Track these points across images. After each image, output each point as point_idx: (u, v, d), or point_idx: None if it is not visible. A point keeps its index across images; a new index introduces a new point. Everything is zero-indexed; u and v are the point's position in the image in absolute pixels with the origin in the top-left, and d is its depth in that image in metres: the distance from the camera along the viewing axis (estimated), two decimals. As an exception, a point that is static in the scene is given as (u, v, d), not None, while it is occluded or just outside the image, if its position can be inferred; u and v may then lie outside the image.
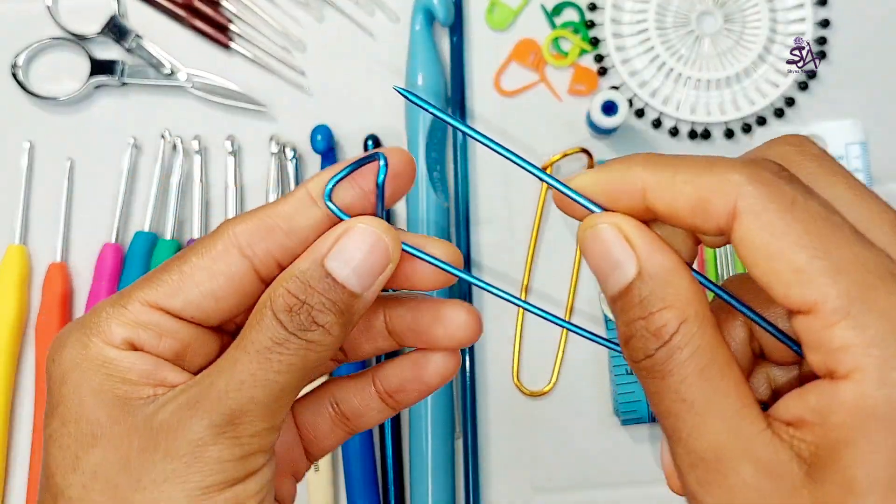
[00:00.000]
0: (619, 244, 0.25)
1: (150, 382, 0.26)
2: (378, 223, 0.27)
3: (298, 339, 0.26)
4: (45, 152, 0.57)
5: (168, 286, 0.27)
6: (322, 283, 0.26)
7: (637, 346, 0.24)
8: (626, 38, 0.57)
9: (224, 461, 0.25)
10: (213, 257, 0.27)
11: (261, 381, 0.25)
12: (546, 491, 0.54)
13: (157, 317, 0.27)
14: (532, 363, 0.55)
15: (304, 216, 0.27)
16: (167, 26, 0.57)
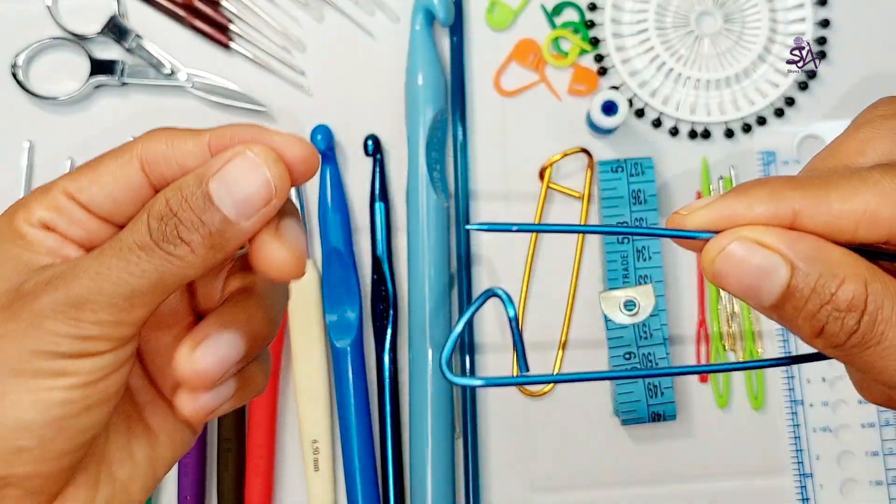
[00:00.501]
0: (758, 253, 0.24)
1: (51, 255, 0.28)
2: (266, 155, 0.27)
3: (160, 249, 0.26)
4: (45, 152, 0.57)
5: (81, 181, 0.29)
6: (198, 201, 0.26)
7: (835, 331, 0.24)
8: (626, 38, 0.57)
9: (59, 335, 0.26)
10: (120, 163, 0.29)
11: (113, 278, 0.26)
12: (546, 491, 0.54)
13: (70, 205, 0.28)
14: (532, 363, 0.55)
15: (198, 160, 0.28)
16: (167, 26, 0.57)
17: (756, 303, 0.25)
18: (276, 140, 0.28)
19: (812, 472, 0.53)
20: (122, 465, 0.30)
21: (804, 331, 0.25)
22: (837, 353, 0.24)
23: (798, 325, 0.25)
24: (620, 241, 0.53)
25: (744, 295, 0.25)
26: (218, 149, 0.28)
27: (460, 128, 0.56)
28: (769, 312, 0.25)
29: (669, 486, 0.54)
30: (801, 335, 0.25)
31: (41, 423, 0.26)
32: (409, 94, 0.55)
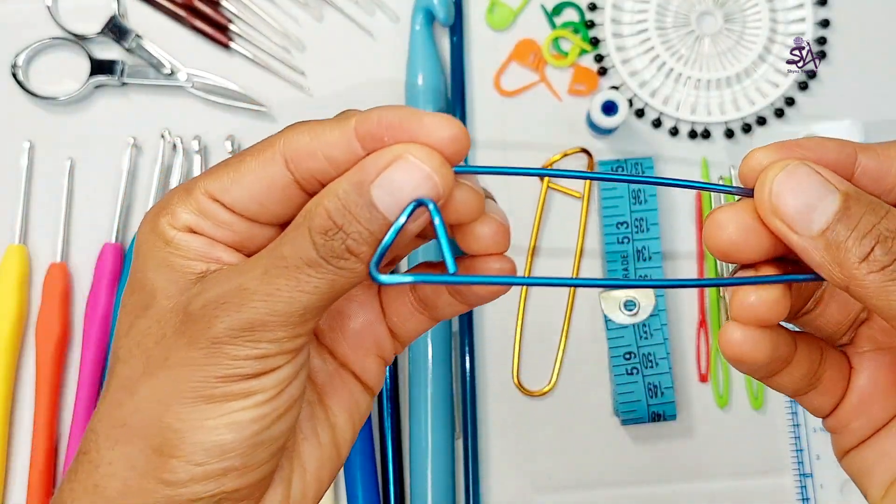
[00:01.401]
0: (815, 175, 0.26)
1: (204, 259, 0.27)
2: (429, 156, 0.26)
3: (330, 265, 0.26)
4: (45, 152, 0.57)
5: (223, 181, 0.28)
6: (363, 211, 0.25)
7: (883, 251, 0.25)
8: (626, 38, 0.57)
9: (241, 357, 0.26)
10: (263, 162, 0.27)
11: (285, 298, 0.26)
12: (546, 490, 0.54)
13: (214, 207, 0.28)
14: (532, 363, 0.55)
15: (344, 150, 0.27)
16: (167, 26, 0.57)
17: (807, 226, 0.26)
18: (428, 124, 0.27)
19: (812, 472, 0.53)
20: (310, 455, 0.30)
21: (852, 254, 0.25)
22: (879, 277, 0.25)
23: (846, 250, 0.25)
24: (620, 241, 0.53)
25: (799, 214, 0.26)
26: (365, 137, 0.27)
27: (460, 128, 0.56)
28: (815, 241, 0.26)
29: (669, 486, 0.54)
30: (846, 261, 0.25)
31: (240, 442, 0.27)
32: (409, 93, 0.55)
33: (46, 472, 0.52)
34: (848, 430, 0.31)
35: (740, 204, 0.27)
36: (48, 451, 0.53)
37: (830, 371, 0.30)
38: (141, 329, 0.27)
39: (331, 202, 0.26)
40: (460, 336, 0.54)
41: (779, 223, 0.26)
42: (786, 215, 0.26)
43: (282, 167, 0.27)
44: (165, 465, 0.26)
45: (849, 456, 0.31)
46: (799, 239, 0.26)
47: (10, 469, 0.54)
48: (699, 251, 0.55)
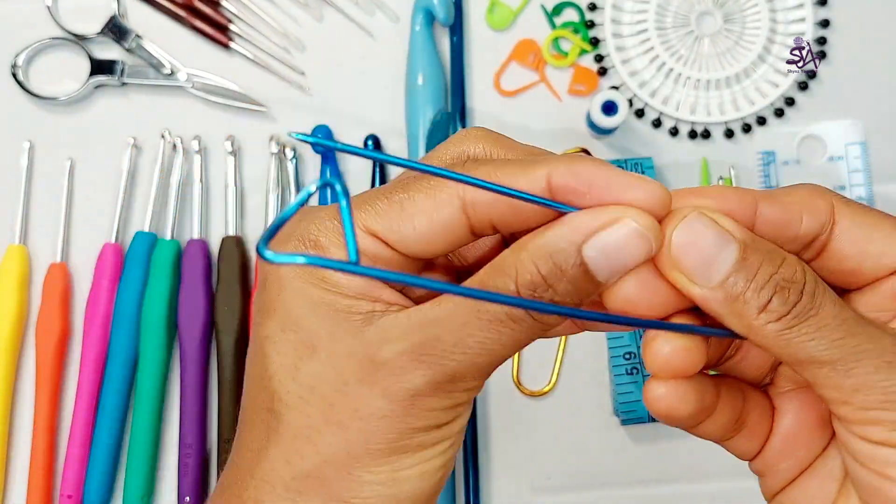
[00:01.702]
0: (713, 228, 0.26)
1: (366, 298, 0.27)
2: (646, 223, 0.25)
3: (533, 321, 0.26)
4: (45, 152, 0.57)
5: (387, 219, 0.27)
6: (574, 271, 0.25)
7: (781, 301, 0.25)
8: (626, 38, 0.57)
9: (437, 409, 0.26)
10: (437, 204, 0.26)
11: (486, 350, 0.26)
12: (546, 491, 0.54)
13: (373, 243, 0.27)
14: (532, 363, 0.55)
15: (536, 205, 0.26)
16: (167, 26, 0.57)
17: (706, 278, 0.26)
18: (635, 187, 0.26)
19: (812, 472, 0.53)
20: None
21: (751, 305, 0.25)
22: (778, 326, 0.25)
23: (744, 301, 0.25)
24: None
25: (698, 267, 0.26)
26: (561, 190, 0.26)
27: (460, 128, 0.56)
28: (715, 293, 0.26)
29: (669, 486, 0.54)
30: (745, 312, 0.25)
31: (428, 490, 0.27)
32: (409, 94, 0.55)
33: (46, 472, 0.52)
34: (774, 472, 0.31)
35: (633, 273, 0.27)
36: (48, 450, 0.53)
37: (754, 414, 0.30)
38: (311, 373, 0.26)
39: (541, 261, 0.25)
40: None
41: (678, 276, 0.26)
42: (685, 268, 0.26)
43: (458, 210, 0.26)
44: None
45: (776, 499, 0.31)
46: (699, 290, 0.26)
47: (10, 468, 0.54)
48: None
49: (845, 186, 0.55)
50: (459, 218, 0.26)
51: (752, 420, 0.30)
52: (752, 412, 0.30)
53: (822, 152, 0.56)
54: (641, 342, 0.28)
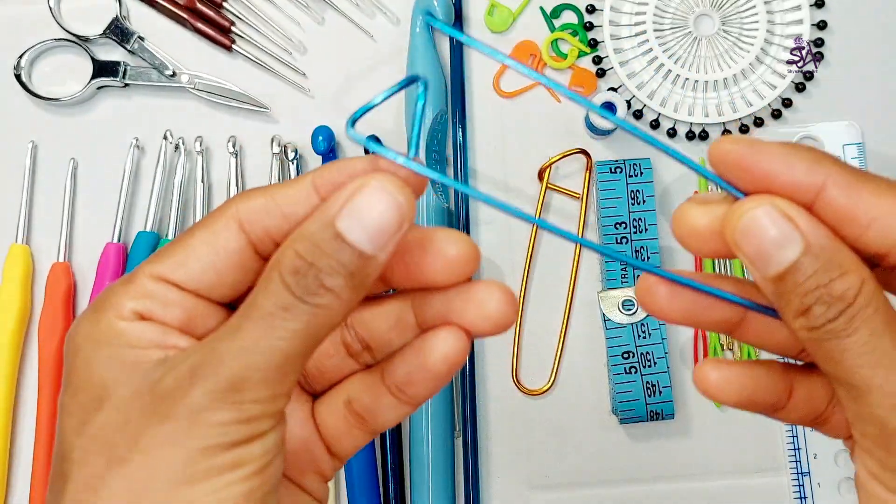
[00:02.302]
0: (782, 223, 0.25)
1: (159, 347, 0.26)
2: (390, 180, 0.25)
3: (305, 304, 0.25)
4: (48, 153, 0.57)
5: (172, 259, 0.27)
6: (332, 244, 0.25)
7: (819, 313, 0.25)
8: (624, 39, 0.57)
9: (224, 424, 0.25)
10: (215, 231, 0.27)
11: (263, 348, 0.25)
12: (545, 489, 0.54)
13: (162, 288, 0.27)
14: (531, 362, 0.55)
15: (304, 204, 0.27)
16: (169, 28, 0.58)
17: (762, 270, 0.26)
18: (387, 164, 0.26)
19: (809, 471, 0.53)
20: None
21: (793, 306, 0.26)
22: (811, 335, 0.26)
23: (788, 300, 0.26)
24: (619, 241, 0.54)
25: (755, 257, 0.26)
26: (325, 187, 0.27)
27: (460, 129, 0.56)
28: (768, 283, 0.26)
29: (667, 485, 0.54)
30: (788, 310, 0.26)
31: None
32: (409, 95, 0.55)
33: (49, 471, 0.53)
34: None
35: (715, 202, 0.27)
36: (51, 449, 0.53)
37: (841, 413, 0.29)
38: (97, 424, 0.25)
39: (298, 244, 0.25)
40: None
41: (743, 257, 0.26)
42: (747, 255, 0.26)
43: (235, 231, 0.27)
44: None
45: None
46: (757, 276, 0.26)
47: (12, 467, 0.54)
48: (697, 251, 0.56)
49: (842, 187, 0.56)
50: (239, 239, 0.27)
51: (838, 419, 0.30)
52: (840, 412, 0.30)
53: (819, 153, 0.56)
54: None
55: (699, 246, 0.28)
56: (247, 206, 0.27)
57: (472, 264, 0.28)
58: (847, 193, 0.25)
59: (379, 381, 0.30)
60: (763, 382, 0.29)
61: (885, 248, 0.26)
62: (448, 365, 0.28)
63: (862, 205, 0.25)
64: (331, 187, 0.27)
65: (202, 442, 0.24)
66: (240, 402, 0.25)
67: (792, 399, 0.29)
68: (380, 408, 0.30)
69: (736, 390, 0.28)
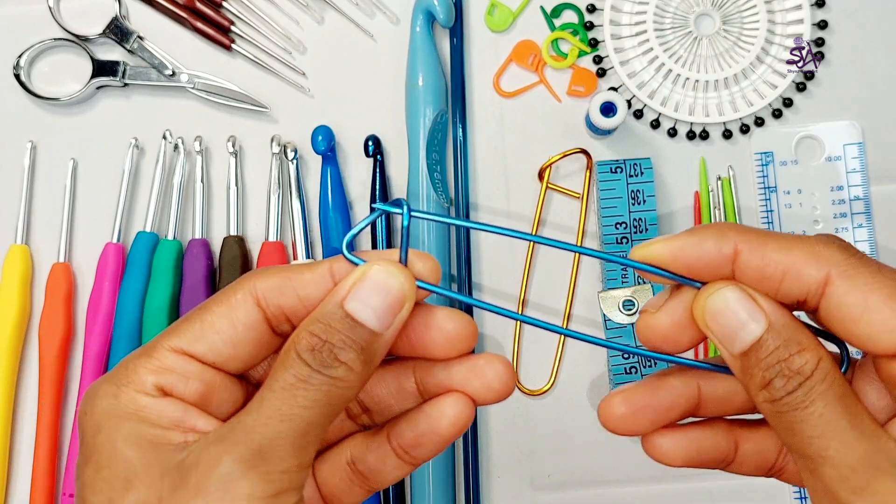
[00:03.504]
0: (747, 304, 0.28)
1: (180, 428, 0.27)
2: (391, 265, 0.28)
3: (322, 376, 0.27)
4: (47, 152, 0.57)
5: (191, 333, 0.28)
6: (342, 323, 0.27)
7: (779, 386, 0.27)
8: (625, 39, 0.57)
9: (255, 497, 0.26)
10: (232, 306, 0.29)
11: (287, 416, 0.26)
12: (545, 489, 0.54)
13: (182, 361, 0.28)
14: (531, 362, 0.55)
15: (319, 287, 0.29)
16: (169, 28, 0.58)
17: (729, 347, 0.28)
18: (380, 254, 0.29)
19: (810, 471, 0.53)
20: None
21: (756, 379, 0.28)
22: (772, 407, 0.28)
23: (752, 374, 0.28)
24: (619, 241, 0.54)
25: (722, 335, 0.28)
26: (342, 275, 0.29)
27: (460, 129, 0.56)
28: (735, 360, 0.28)
29: (668, 485, 0.54)
30: (752, 384, 0.28)
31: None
32: (410, 95, 0.55)
33: (49, 471, 0.53)
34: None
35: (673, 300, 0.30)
36: (51, 450, 0.53)
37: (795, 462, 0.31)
38: (128, 502, 0.26)
39: (313, 325, 0.28)
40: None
41: (711, 336, 0.29)
42: (715, 333, 0.28)
43: (253, 307, 0.29)
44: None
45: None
46: (724, 353, 0.29)
47: (13, 468, 0.54)
48: (697, 251, 0.56)
49: (843, 186, 0.56)
50: (256, 314, 0.29)
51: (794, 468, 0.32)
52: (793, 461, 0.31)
53: (819, 153, 0.56)
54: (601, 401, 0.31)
55: (672, 345, 0.30)
56: (264, 285, 0.29)
57: (470, 340, 0.30)
58: (755, 255, 0.28)
59: (384, 443, 0.31)
60: (708, 443, 0.31)
61: (802, 295, 0.28)
62: (457, 429, 0.31)
63: (770, 264, 0.28)
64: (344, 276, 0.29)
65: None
66: (269, 472, 0.26)
67: (739, 453, 0.32)
68: (384, 468, 0.32)
69: (682, 456, 0.31)
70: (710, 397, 0.31)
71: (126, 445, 0.27)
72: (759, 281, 0.28)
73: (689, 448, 0.31)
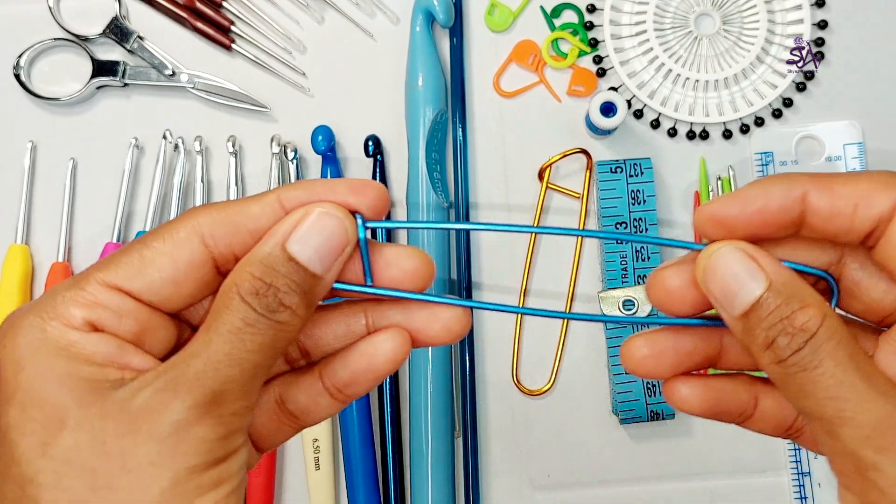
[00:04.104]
0: (746, 263, 0.27)
1: (115, 365, 0.26)
2: (336, 207, 0.28)
3: (267, 320, 0.26)
4: (47, 152, 0.57)
5: (129, 268, 0.27)
6: (286, 266, 0.27)
7: (783, 344, 0.26)
8: (625, 39, 0.57)
9: (208, 440, 0.25)
10: (176, 243, 0.27)
11: (236, 360, 0.26)
12: (545, 489, 0.54)
13: (116, 298, 0.27)
14: (531, 362, 0.55)
15: (270, 219, 0.28)
16: (169, 28, 0.58)
17: (729, 308, 0.28)
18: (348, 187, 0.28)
19: (810, 471, 0.53)
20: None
21: (758, 340, 0.27)
22: (778, 369, 0.27)
23: (755, 336, 0.27)
24: (619, 241, 0.54)
25: (722, 296, 0.28)
26: (294, 205, 0.28)
27: (460, 128, 0.56)
28: (736, 322, 0.28)
29: (668, 485, 0.54)
30: (755, 346, 0.27)
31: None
32: (410, 95, 0.55)
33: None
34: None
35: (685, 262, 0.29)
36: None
37: None
38: (64, 446, 0.25)
39: (254, 266, 0.27)
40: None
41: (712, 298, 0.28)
42: (714, 294, 0.28)
43: (198, 245, 0.27)
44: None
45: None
46: (725, 316, 0.28)
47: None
48: (697, 251, 0.56)
49: (843, 187, 0.56)
50: (202, 253, 0.28)
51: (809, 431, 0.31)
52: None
53: (819, 153, 0.56)
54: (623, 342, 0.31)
55: (677, 307, 0.29)
56: (210, 221, 0.28)
57: (430, 278, 0.30)
58: (825, 194, 0.27)
59: (316, 382, 0.31)
60: (728, 394, 0.31)
61: (871, 224, 0.27)
62: (394, 365, 0.30)
63: (840, 197, 0.27)
64: (298, 205, 0.28)
65: (189, 460, 0.25)
66: (221, 415, 0.26)
67: (758, 408, 0.31)
68: (316, 407, 0.31)
69: (700, 403, 0.30)
70: (731, 349, 0.31)
71: (57, 383, 0.25)
72: (831, 218, 0.27)
73: (709, 396, 0.30)
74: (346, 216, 0.28)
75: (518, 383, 0.55)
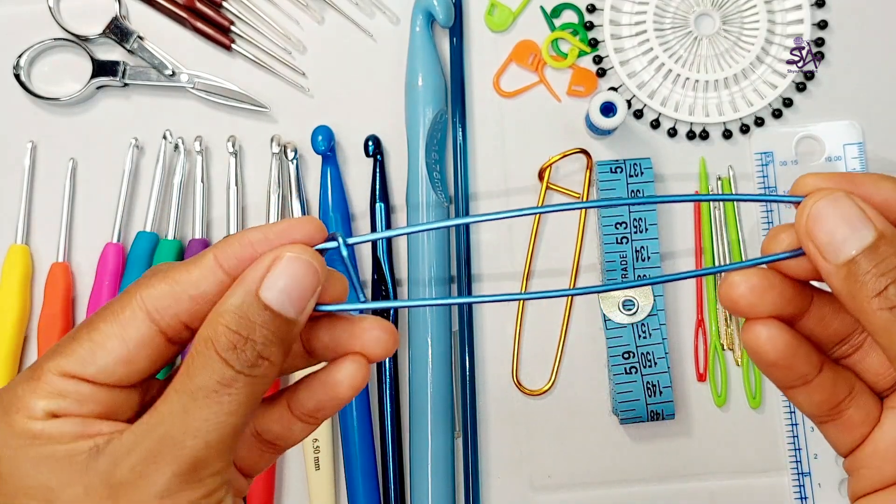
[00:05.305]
0: (855, 210, 0.27)
1: (84, 437, 0.26)
2: (302, 248, 0.28)
3: (246, 377, 0.26)
4: (47, 152, 0.57)
5: (79, 355, 0.27)
6: (262, 316, 0.26)
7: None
8: (625, 39, 0.57)
9: (193, 500, 0.26)
10: (122, 323, 0.27)
11: (214, 425, 0.26)
12: (545, 489, 0.54)
13: (72, 385, 0.27)
14: (531, 362, 0.55)
15: (211, 282, 0.28)
16: (169, 28, 0.58)
17: (834, 255, 0.27)
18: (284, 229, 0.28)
19: (810, 471, 0.53)
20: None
21: (868, 287, 0.26)
22: (889, 315, 0.26)
23: (863, 283, 0.26)
24: (619, 241, 0.54)
25: (826, 243, 0.27)
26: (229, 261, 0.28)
27: (460, 129, 0.56)
28: (839, 269, 0.27)
29: (668, 485, 0.54)
30: (861, 294, 0.27)
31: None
32: (409, 95, 0.55)
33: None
34: (860, 477, 0.31)
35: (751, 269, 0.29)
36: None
37: (856, 411, 0.31)
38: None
39: (228, 318, 0.26)
40: (460, 335, 0.54)
41: (811, 246, 0.27)
42: (817, 240, 0.27)
43: (144, 321, 0.27)
44: None
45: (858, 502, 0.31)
46: (825, 265, 0.27)
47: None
48: (697, 250, 0.56)
49: (843, 187, 0.56)
50: (149, 329, 0.27)
51: (851, 416, 0.31)
52: (854, 408, 0.31)
53: (819, 153, 0.56)
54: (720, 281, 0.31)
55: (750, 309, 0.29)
56: (152, 294, 0.27)
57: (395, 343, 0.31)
58: None
59: (286, 412, 0.31)
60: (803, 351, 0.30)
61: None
62: (356, 391, 0.30)
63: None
64: (235, 262, 0.28)
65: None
66: (202, 479, 0.26)
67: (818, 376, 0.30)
68: (290, 433, 0.31)
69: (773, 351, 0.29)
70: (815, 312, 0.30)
71: (35, 470, 0.26)
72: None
73: (785, 348, 0.29)
74: (313, 256, 0.27)
75: (518, 383, 0.55)
